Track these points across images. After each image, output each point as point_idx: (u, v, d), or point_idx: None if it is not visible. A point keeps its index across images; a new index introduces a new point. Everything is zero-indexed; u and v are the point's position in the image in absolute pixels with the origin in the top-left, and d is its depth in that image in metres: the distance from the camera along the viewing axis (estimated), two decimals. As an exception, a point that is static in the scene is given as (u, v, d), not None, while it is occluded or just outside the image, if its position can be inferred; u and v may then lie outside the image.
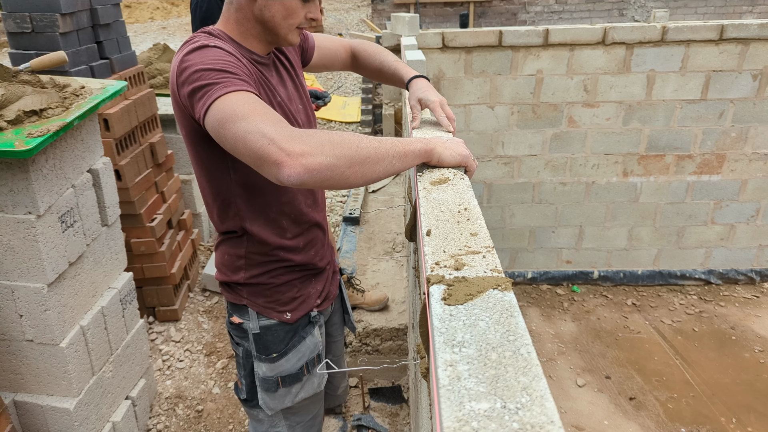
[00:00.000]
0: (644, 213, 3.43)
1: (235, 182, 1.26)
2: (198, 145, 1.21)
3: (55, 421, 1.98)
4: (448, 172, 1.19)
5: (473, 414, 0.53)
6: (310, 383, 1.47)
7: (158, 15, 14.60)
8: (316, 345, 1.46)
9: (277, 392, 1.43)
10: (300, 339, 1.42)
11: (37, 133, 1.69)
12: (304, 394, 1.47)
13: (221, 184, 1.28)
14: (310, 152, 0.95)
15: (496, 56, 3.05)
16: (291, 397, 1.45)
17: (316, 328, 1.46)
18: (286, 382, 1.42)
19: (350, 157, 0.98)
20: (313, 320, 1.45)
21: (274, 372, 1.40)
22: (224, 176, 1.26)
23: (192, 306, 3.11)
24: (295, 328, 1.41)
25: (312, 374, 1.46)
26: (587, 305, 3.39)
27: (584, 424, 2.50)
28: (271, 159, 0.94)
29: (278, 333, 1.39)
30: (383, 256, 3.42)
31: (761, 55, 3.02)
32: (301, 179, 0.95)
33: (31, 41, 2.40)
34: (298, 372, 1.43)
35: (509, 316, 0.68)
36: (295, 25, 1.22)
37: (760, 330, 3.11)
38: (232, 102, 1.01)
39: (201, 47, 1.11)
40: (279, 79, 1.33)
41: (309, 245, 1.43)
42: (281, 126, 0.98)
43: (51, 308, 1.86)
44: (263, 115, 0.99)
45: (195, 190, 3.54)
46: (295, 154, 0.94)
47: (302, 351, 1.43)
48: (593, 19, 10.35)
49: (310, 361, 1.45)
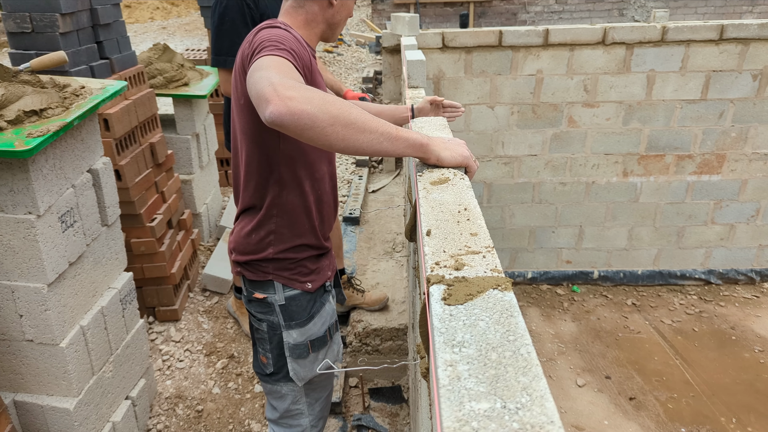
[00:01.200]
0: (644, 213, 3.43)
1: (282, 151, 1.37)
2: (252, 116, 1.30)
3: (55, 421, 1.98)
4: (448, 172, 1.19)
5: (473, 414, 0.53)
6: (332, 350, 1.58)
7: (158, 15, 14.60)
8: (333, 311, 1.60)
9: (307, 358, 1.53)
10: (321, 305, 1.55)
11: (37, 133, 1.69)
12: (331, 358, 1.57)
13: (270, 152, 1.37)
14: (297, 98, 1.00)
15: (496, 56, 3.05)
16: (317, 364, 1.55)
17: (330, 297, 1.60)
18: (315, 346, 1.53)
19: (335, 116, 1.02)
20: (327, 289, 1.58)
21: (305, 336, 1.51)
22: (273, 144, 1.36)
23: (192, 306, 3.11)
24: (315, 297, 1.54)
25: (333, 340, 1.58)
26: (587, 305, 3.39)
27: (584, 424, 2.50)
28: (265, 97, 1.02)
29: (301, 302, 1.51)
30: (383, 256, 3.42)
31: (761, 55, 3.02)
32: (282, 119, 1.00)
33: (31, 41, 2.40)
34: (324, 335, 1.55)
35: (509, 316, 0.68)
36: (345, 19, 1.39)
37: (760, 330, 3.11)
38: (267, 60, 1.13)
39: (272, 27, 1.27)
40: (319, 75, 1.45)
41: (325, 224, 1.56)
42: (289, 77, 1.06)
43: (51, 308, 1.86)
44: (281, 68, 1.09)
45: (195, 190, 3.54)
46: (284, 97, 1.01)
47: (324, 316, 1.55)
48: (593, 19, 10.35)
49: (332, 325, 1.58)
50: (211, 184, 3.89)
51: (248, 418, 2.53)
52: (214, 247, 3.64)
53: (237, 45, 2.11)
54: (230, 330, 2.99)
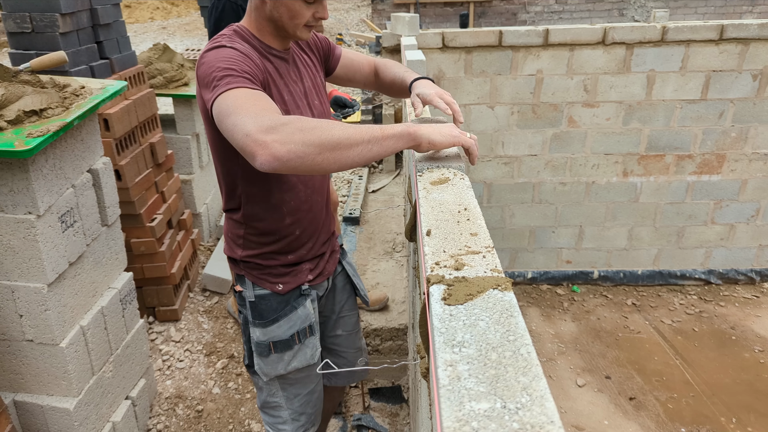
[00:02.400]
0: (644, 213, 3.43)
1: (242, 167, 1.38)
2: (214, 130, 1.30)
3: (55, 421, 1.98)
4: (448, 171, 1.19)
5: (473, 414, 0.53)
6: (303, 353, 1.57)
7: (158, 15, 14.60)
8: (308, 316, 1.56)
9: (269, 357, 1.54)
10: (292, 309, 1.54)
11: (37, 133, 1.69)
12: (297, 364, 1.56)
13: (230, 168, 1.40)
14: (277, 140, 1.01)
15: (496, 56, 3.05)
16: (284, 365, 1.55)
17: (308, 301, 1.56)
18: (277, 348, 1.54)
19: (319, 144, 1.02)
20: (304, 293, 1.56)
21: (267, 337, 1.53)
22: (233, 161, 1.37)
23: (192, 306, 3.11)
24: (287, 299, 1.53)
25: (304, 344, 1.56)
26: (587, 305, 3.39)
27: (584, 424, 2.50)
28: (247, 150, 1.03)
29: (271, 302, 1.52)
30: (383, 256, 3.42)
31: (761, 55, 3.02)
32: (272, 167, 1.02)
33: (31, 41, 2.40)
34: (289, 339, 1.54)
35: (509, 316, 0.68)
36: (301, 24, 1.33)
37: (760, 330, 3.11)
38: (229, 98, 1.12)
39: (217, 47, 1.26)
40: (297, 75, 1.44)
41: (305, 233, 1.53)
42: (260, 117, 1.04)
43: (51, 308, 1.86)
44: (248, 108, 1.07)
45: (195, 190, 3.54)
46: (264, 144, 1.01)
47: (293, 320, 1.53)
48: (593, 19, 10.35)
49: (302, 331, 1.55)
50: (211, 184, 3.89)
51: (248, 418, 2.53)
52: (214, 247, 3.64)
53: None
54: (230, 330, 2.99)
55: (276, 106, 1.12)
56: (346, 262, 1.79)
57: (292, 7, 1.29)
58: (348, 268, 1.79)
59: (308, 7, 1.30)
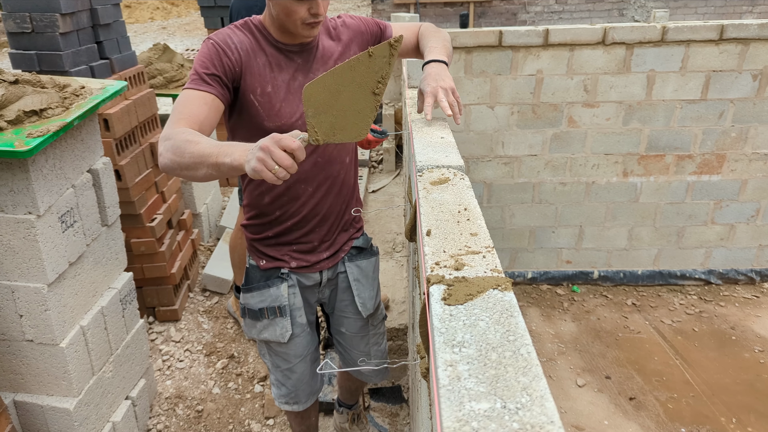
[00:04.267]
0: (644, 213, 3.43)
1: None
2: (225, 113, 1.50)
3: (55, 421, 1.98)
4: (448, 172, 1.19)
5: (473, 414, 0.53)
6: (272, 329, 1.68)
7: (158, 15, 14.60)
8: (278, 297, 1.66)
9: (245, 320, 1.72)
10: (266, 286, 1.66)
11: (37, 133, 1.69)
12: (268, 336, 1.70)
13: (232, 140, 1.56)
14: (162, 154, 1.24)
15: (496, 56, 3.05)
16: (256, 332, 1.71)
17: (283, 285, 1.66)
18: (249, 314, 1.69)
19: (179, 164, 1.21)
20: (281, 276, 1.66)
21: (243, 302, 1.70)
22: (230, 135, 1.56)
23: (192, 306, 3.11)
24: (267, 276, 1.67)
25: (273, 322, 1.68)
26: (587, 305, 3.39)
27: (584, 424, 2.50)
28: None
29: (255, 274, 1.68)
30: (383, 256, 3.42)
31: (761, 55, 3.02)
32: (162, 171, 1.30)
33: (31, 41, 2.40)
34: (257, 311, 1.67)
35: (509, 316, 0.68)
36: (298, 21, 1.37)
37: (760, 330, 3.11)
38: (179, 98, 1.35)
39: (206, 41, 1.41)
40: (304, 68, 1.49)
41: (287, 218, 1.61)
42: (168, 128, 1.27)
43: (51, 308, 1.86)
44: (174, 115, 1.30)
45: (195, 190, 3.54)
46: (158, 153, 1.26)
47: (264, 296, 1.66)
48: (593, 19, 10.35)
49: (270, 309, 1.66)
50: (211, 184, 3.89)
51: (248, 418, 2.53)
52: (214, 247, 3.64)
53: None
54: (230, 330, 2.99)
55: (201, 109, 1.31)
56: (355, 265, 1.77)
57: (285, 6, 1.35)
58: (353, 272, 1.77)
59: (300, 4, 1.33)
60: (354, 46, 1.59)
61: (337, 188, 1.63)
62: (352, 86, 1.14)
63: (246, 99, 1.43)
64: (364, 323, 1.86)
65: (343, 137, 1.17)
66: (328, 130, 1.16)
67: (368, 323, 1.87)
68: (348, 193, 1.68)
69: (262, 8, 2.25)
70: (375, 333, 1.91)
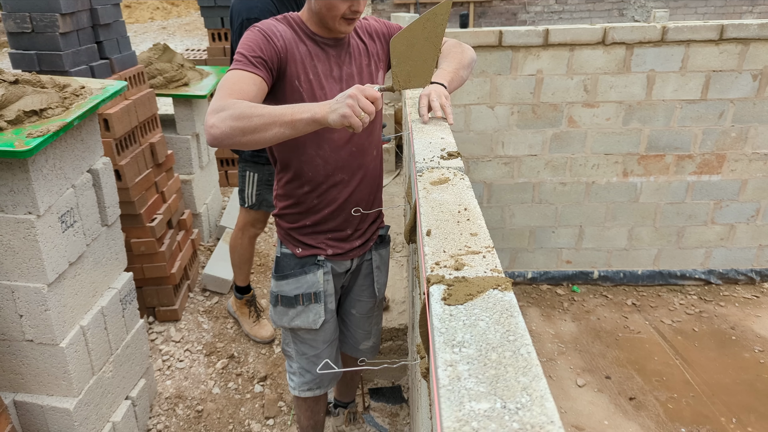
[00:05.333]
0: (644, 213, 3.43)
1: None
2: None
3: (55, 421, 1.98)
4: (448, 172, 1.19)
5: (473, 414, 0.53)
6: (305, 315, 1.75)
7: (158, 15, 14.60)
8: (315, 284, 1.73)
9: (276, 308, 1.77)
10: (302, 272, 1.72)
11: (37, 133, 1.69)
12: (300, 323, 1.76)
13: None
14: (215, 125, 1.27)
15: (496, 56, 3.05)
16: (288, 319, 1.76)
17: (319, 271, 1.73)
18: (283, 302, 1.75)
19: (243, 129, 1.25)
20: (318, 263, 1.73)
21: (277, 289, 1.75)
22: None
23: (192, 306, 3.11)
24: (303, 263, 1.73)
25: (307, 308, 1.74)
26: (587, 305, 3.39)
27: (584, 424, 2.50)
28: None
29: (289, 261, 1.74)
30: (383, 256, 3.42)
31: (761, 55, 3.02)
32: (211, 144, 1.30)
33: (31, 41, 2.40)
34: (293, 298, 1.73)
35: (509, 316, 0.68)
36: (338, 16, 1.47)
37: (760, 330, 3.11)
38: (225, 76, 1.40)
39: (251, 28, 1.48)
40: (341, 59, 1.59)
41: (325, 205, 1.67)
42: (219, 101, 1.30)
43: (51, 308, 1.86)
44: (223, 88, 1.35)
45: (195, 190, 3.54)
46: (207, 126, 1.29)
47: (301, 282, 1.72)
48: (593, 19, 10.35)
49: (306, 295, 1.73)
50: (211, 184, 3.89)
51: (248, 418, 2.53)
52: (214, 247, 3.64)
53: None
54: (230, 330, 2.99)
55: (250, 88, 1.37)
56: (378, 253, 1.90)
57: (328, 1, 1.44)
58: (376, 259, 1.90)
59: (343, 2, 1.44)
60: (377, 44, 1.70)
61: (369, 178, 1.73)
62: (421, 40, 1.37)
63: (290, 85, 1.52)
64: (373, 305, 1.99)
65: (415, 84, 1.43)
66: (405, 78, 1.41)
67: (375, 305, 2.01)
68: (376, 184, 1.80)
69: (263, 9, 2.25)
70: (377, 314, 2.06)
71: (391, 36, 1.71)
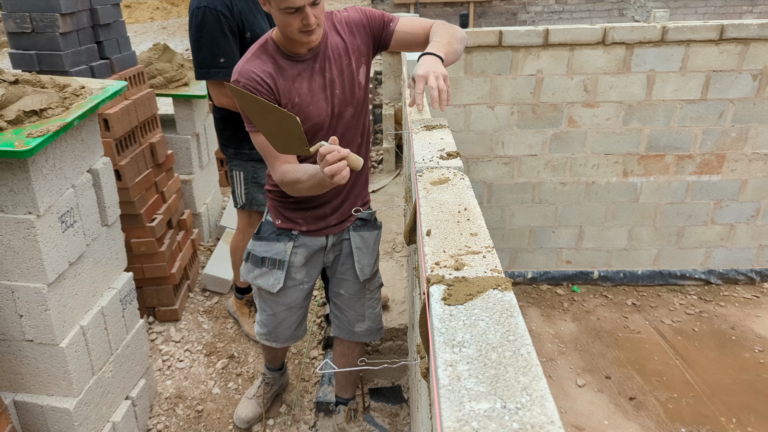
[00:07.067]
0: (644, 213, 3.43)
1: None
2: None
3: (55, 421, 1.98)
4: (448, 171, 1.19)
5: (473, 414, 0.53)
6: (267, 277, 1.93)
7: (158, 15, 14.60)
8: (282, 252, 1.90)
9: (246, 263, 1.97)
10: (276, 240, 1.91)
11: (37, 133, 1.69)
12: (260, 283, 1.94)
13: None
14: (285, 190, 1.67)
15: (496, 56, 3.05)
16: (252, 276, 1.95)
17: (290, 243, 1.90)
18: (252, 260, 1.94)
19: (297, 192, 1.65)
20: (291, 236, 1.90)
21: (250, 247, 1.95)
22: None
23: (192, 306, 3.11)
24: (278, 232, 1.91)
25: (270, 272, 1.92)
26: (587, 305, 3.39)
27: (584, 424, 2.50)
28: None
29: (268, 228, 1.94)
30: (383, 256, 3.42)
31: (761, 55, 3.02)
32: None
33: (31, 41, 2.40)
34: (261, 259, 1.92)
35: (509, 316, 0.68)
36: (294, 31, 1.51)
37: (760, 330, 3.11)
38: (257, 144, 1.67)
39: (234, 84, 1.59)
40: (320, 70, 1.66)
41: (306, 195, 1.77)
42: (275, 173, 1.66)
43: (51, 308, 1.86)
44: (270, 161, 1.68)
45: (195, 190, 3.54)
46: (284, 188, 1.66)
47: (271, 247, 1.91)
48: (593, 19, 10.35)
49: (271, 260, 1.91)
50: (211, 184, 3.89)
51: (248, 418, 2.53)
52: (214, 247, 3.64)
53: (218, 56, 2.21)
54: (230, 330, 2.99)
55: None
56: (359, 235, 1.97)
57: (281, 19, 1.50)
58: (356, 240, 1.97)
59: (293, 17, 1.48)
60: (357, 38, 1.71)
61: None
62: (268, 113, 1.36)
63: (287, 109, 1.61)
64: (361, 287, 2.04)
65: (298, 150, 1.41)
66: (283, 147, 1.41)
67: (365, 287, 2.06)
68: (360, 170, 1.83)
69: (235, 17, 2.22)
70: (371, 297, 2.10)
71: (371, 25, 1.73)
